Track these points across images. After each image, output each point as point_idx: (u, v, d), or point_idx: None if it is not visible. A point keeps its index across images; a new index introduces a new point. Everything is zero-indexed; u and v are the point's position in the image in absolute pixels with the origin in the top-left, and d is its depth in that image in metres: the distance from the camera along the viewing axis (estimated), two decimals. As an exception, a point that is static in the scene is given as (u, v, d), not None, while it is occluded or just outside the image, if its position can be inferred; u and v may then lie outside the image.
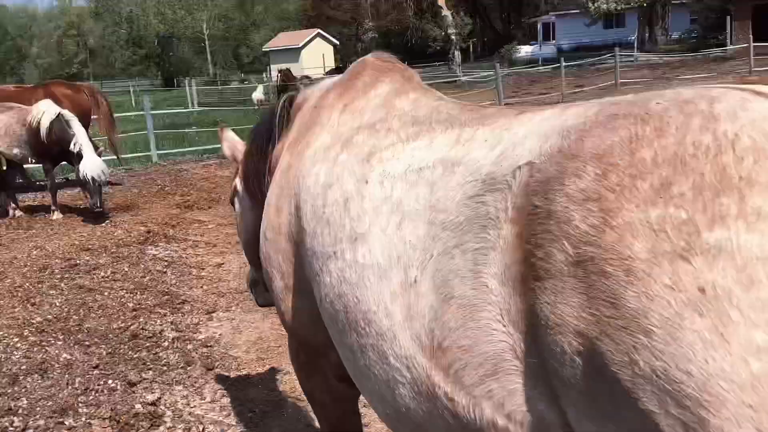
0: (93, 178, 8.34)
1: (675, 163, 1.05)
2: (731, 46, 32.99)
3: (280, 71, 31.97)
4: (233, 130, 3.01)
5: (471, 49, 60.75)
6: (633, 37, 47.09)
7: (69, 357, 4.54)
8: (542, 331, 1.17)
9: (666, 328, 0.96)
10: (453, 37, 41.65)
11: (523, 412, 1.28)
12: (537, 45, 54.24)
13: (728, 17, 35.53)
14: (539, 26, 58.87)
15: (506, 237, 1.27)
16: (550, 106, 1.57)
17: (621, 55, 31.03)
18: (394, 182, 1.67)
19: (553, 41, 56.13)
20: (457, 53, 42.20)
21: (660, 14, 47.34)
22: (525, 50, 52.58)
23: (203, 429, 3.60)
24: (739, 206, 0.97)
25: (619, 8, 43.44)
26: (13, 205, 9.50)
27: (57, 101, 10.13)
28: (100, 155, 8.80)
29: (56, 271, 6.52)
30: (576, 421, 1.15)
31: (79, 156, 8.40)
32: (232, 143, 3.03)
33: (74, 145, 8.45)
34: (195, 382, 4.15)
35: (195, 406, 3.86)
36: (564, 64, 25.75)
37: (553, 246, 1.14)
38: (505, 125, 1.53)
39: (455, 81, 36.93)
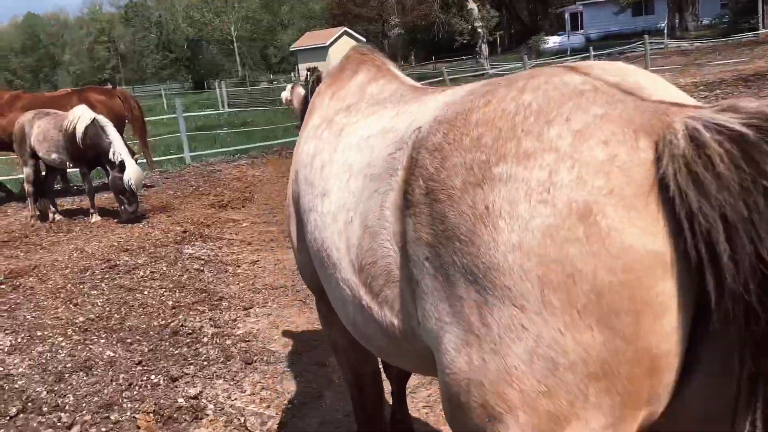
0: (135, 187, 8.60)
1: (488, 123, 1.46)
2: (763, 30, 32.35)
3: (308, 69, 32.04)
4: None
5: (498, 42, 60.27)
6: (663, 24, 46.18)
7: (112, 354, 4.65)
8: (409, 245, 1.60)
9: (469, 235, 1.39)
10: (479, 30, 41.27)
11: (405, 311, 1.74)
12: (565, 35, 53.44)
13: (759, 1, 34.82)
14: (567, 16, 58.04)
15: (398, 180, 1.69)
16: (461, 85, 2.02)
17: (651, 42, 30.61)
18: (351, 149, 2.15)
19: (581, 31, 55.26)
20: (484, 46, 41.79)
21: (690, 0, 46.37)
22: (553, 41, 51.84)
23: (244, 421, 3.66)
24: (516, 149, 1.37)
25: (647, -6, 42.49)
26: (53, 209, 9.73)
27: (91, 106, 10.32)
28: (136, 161, 8.99)
29: (97, 272, 6.66)
30: (421, 310, 1.59)
31: (121, 166, 8.55)
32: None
33: (113, 154, 8.59)
34: (235, 376, 4.22)
35: (236, 399, 3.93)
36: (593, 53, 25.47)
37: (416, 184, 1.57)
38: (427, 101, 1.97)
39: (483, 74, 36.77)
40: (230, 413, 3.78)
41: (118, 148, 8.67)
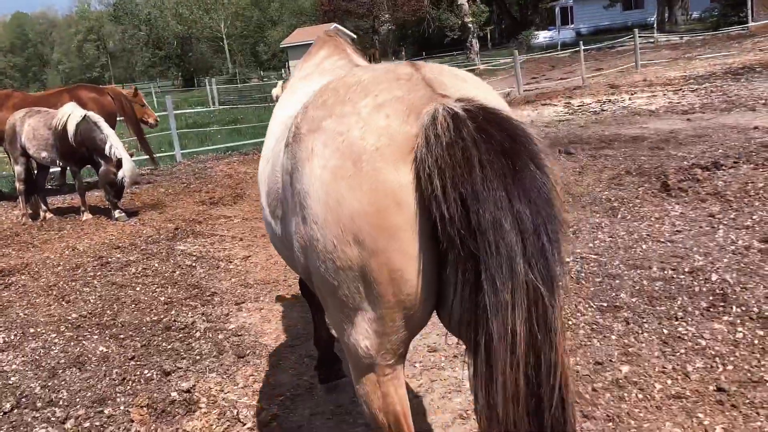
0: (127, 184, 8.68)
1: (335, 90, 2.02)
2: (752, 23, 32.52)
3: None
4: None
5: (489, 37, 60.26)
6: (653, 18, 46.34)
7: (105, 350, 4.68)
8: (283, 173, 2.14)
9: (300, 167, 1.92)
10: (470, 25, 41.23)
11: (287, 231, 2.21)
12: (555, 30, 53.55)
13: (748, -6, 35.04)
14: (557, 11, 58.18)
15: (290, 131, 2.11)
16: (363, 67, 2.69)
17: (641, 36, 30.69)
18: (289, 107, 2.62)
19: (572, 25, 55.44)
20: (475, 41, 41.74)
21: (680, -6, 46.46)
22: (543, 35, 51.88)
23: (237, 413, 3.71)
24: (340, 109, 1.90)
25: (637, -11, 42.47)
26: (44, 207, 9.72)
27: (82, 104, 10.31)
28: (132, 156, 9.01)
29: (89, 269, 6.68)
30: (281, 226, 2.32)
31: (118, 162, 8.59)
32: None
33: (109, 148, 8.61)
34: (227, 370, 4.26)
35: (228, 392, 3.97)
36: (583, 47, 25.50)
37: (293, 129, 2.07)
38: (337, 75, 2.40)
39: (473, 69, 36.79)
40: (223, 406, 3.82)
41: (115, 143, 8.69)
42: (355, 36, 60.82)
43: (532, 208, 1.66)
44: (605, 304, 4.51)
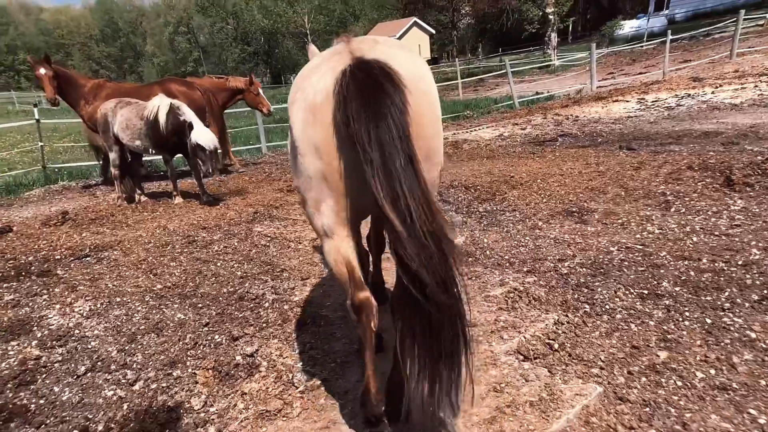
0: (204, 145, 9.02)
1: (305, 70, 3.14)
2: None
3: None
4: None
5: (570, 29, 58.45)
6: (768, -5, 40.10)
7: (183, 317, 5.10)
8: (289, 129, 3.15)
9: (291, 124, 3.03)
10: (551, 17, 40.08)
11: (292, 163, 3.27)
12: (645, 18, 48.63)
13: None
14: (653, -7, 53.00)
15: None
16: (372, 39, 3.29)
17: (749, 18, 27.61)
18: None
19: (666, 11, 50.32)
20: (554, 35, 40.07)
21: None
22: (630, 26, 47.52)
23: (292, 377, 4.05)
24: (302, 84, 3.01)
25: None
26: (139, 191, 10.49)
27: (172, 97, 10.91)
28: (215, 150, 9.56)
29: (176, 246, 7.23)
30: (291, 160, 3.29)
31: (189, 126, 9.06)
32: None
33: (190, 122, 9.10)
34: (288, 337, 4.66)
35: (287, 357, 4.33)
36: (671, 37, 24.20)
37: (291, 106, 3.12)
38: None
39: (548, 66, 35.84)
40: (281, 370, 4.16)
41: (189, 116, 9.16)
42: (433, 32, 60.85)
43: (381, 129, 2.60)
44: (646, 292, 4.61)
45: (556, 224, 6.63)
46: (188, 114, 9.29)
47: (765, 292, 4.29)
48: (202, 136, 9.09)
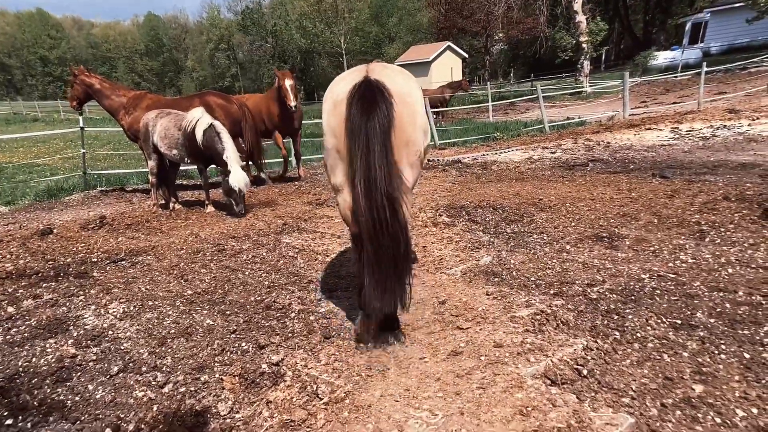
0: (240, 189, 9.47)
1: (332, 82, 4.65)
2: None
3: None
4: None
5: (603, 58, 58.07)
6: (806, 33, 40.08)
7: (211, 323, 5.20)
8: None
9: (324, 118, 4.47)
10: (584, 45, 39.83)
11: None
12: (679, 50, 48.90)
13: None
14: (687, 27, 52.06)
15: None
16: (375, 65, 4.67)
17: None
18: None
19: (701, 44, 49.82)
20: (587, 63, 39.67)
21: None
22: (663, 56, 47.28)
23: (316, 388, 4.04)
24: (330, 88, 4.56)
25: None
26: (173, 199, 10.73)
27: (210, 110, 11.25)
28: (244, 168, 9.85)
29: (207, 254, 7.37)
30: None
31: (227, 171, 9.45)
32: None
33: (227, 158, 9.46)
34: (314, 348, 4.66)
35: (312, 368, 4.34)
36: (705, 69, 24.07)
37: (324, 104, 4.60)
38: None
39: (580, 92, 35.73)
40: (305, 380, 4.17)
41: (231, 154, 9.49)
42: (466, 56, 61.11)
43: (370, 126, 4.06)
44: (679, 322, 4.52)
45: (585, 248, 6.56)
46: (228, 146, 9.54)
47: None
48: (238, 179, 9.47)
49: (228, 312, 5.49)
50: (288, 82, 12.78)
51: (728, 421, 3.26)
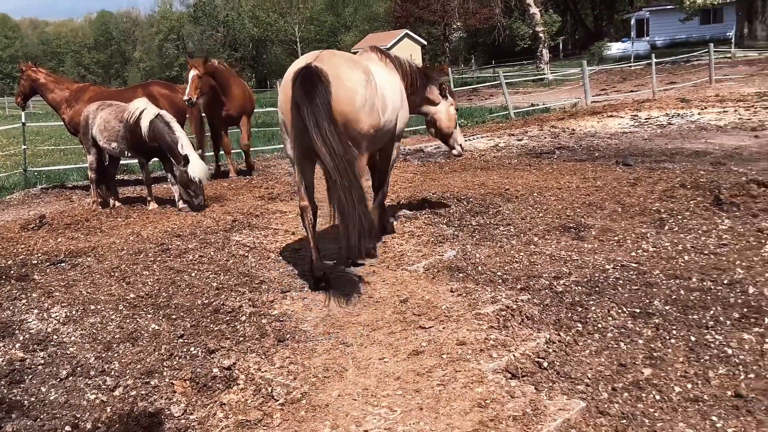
0: (200, 180, 9.07)
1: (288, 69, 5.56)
2: (840, 39, 31.18)
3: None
4: None
5: (560, 47, 59.40)
6: (731, 33, 44.90)
7: (157, 328, 4.99)
8: None
9: (279, 108, 5.70)
10: (541, 34, 40.70)
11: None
12: (629, 41, 52.31)
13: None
14: (632, 22, 56.93)
15: None
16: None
17: (718, 51, 29.83)
18: None
19: (647, 37, 54.05)
20: (545, 51, 41.12)
21: (760, 8, 44.71)
22: (616, 47, 50.63)
23: (271, 390, 3.91)
24: (286, 73, 5.51)
25: (715, 2, 41.06)
26: (113, 196, 10.28)
27: (154, 100, 10.81)
28: (201, 157, 9.42)
29: (150, 254, 7.06)
30: None
31: (186, 160, 9.02)
32: None
33: (181, 147, 9.05)
34: (267, 351, 4.48)
35: (265, 371, 4.18)
36: (656, 60, 24.95)
37: None
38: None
39: (542, 79, 36.38)
40: (259, 383, 4.03)
41: (185, 143, 9.12)
42: (425, 43, 61.24)
43: (314, 106, 4.95)
44: (638, 310, 4.55)
45: (553, 240, 6.48)
46: (181, 136, 9.20)
47: (745, 310, 4.38)
48: (197, 169, 9.06)
49: (174, 316, 5.25)
50: (191, 73, 11.18)
51: (666, 397, 3.44)
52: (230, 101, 12.20)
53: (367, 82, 5.48)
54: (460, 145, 7.92)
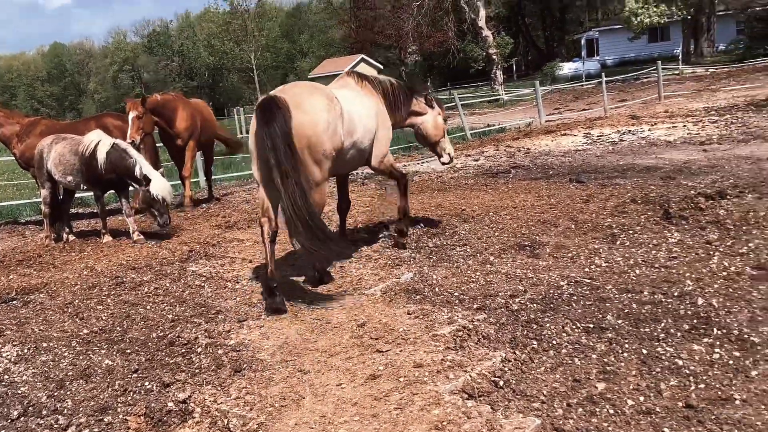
0: (163, 198, 8.92)
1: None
2: (779, 55, 32.44)
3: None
4: None
5: (514, 68, 60.55)
6: (678, 50, 46.43)
7: (111, 363, 4.89)
8: None
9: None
10: (494, 56, 41.54)
11: None
12: (580, 61, 53.67)
13: (775, 25, 35.08)
14: (583, 42, 58.43)
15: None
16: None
17: (666, 68, 30.76)
18: None
19: (597, 57, 55.52)
20: (499, 72, 41.99)
21: (705, 26, 46.44)
22: (568, 67, 51.95)
23: (227, 422, 3.85)
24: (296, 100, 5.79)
25: (662, 21, 42.53)
26: (67, 229, 10.08)
27: (108, 132, 10.62)
28: (163, 175, 9.32)
29: (104, 288, 6.94)
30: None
31: (146, 180, 8.89)
32: None
33: (139, 169, 8.94)
34: (223, 383, 4.41)
35: (221, 403, 4.12)
36: (606, 79, 25.63)
37: None
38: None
39: (497, 100, 36.99)
40: (215, 416, 3.96)
41: (143, 164, 9.03)
42: (381, 66, 61.82)
43: (271, 130, 5.44)
44: (591, 326, 4.61)
45: (508, 259, 6.56)
46: (139, 158, 9.12)
47: (695, 321, 4.47)
48: (160, 187, 8.93)
49: (128, 350, 5.15)
50: (130, 115, 10.90)
51: (619, 411, 3.47)
52: (177, 131, 12.03)
53: (330, 107, 5.92)
54: (449, 153, 8.17)
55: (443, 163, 8.43)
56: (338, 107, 6.03)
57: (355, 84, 6.96)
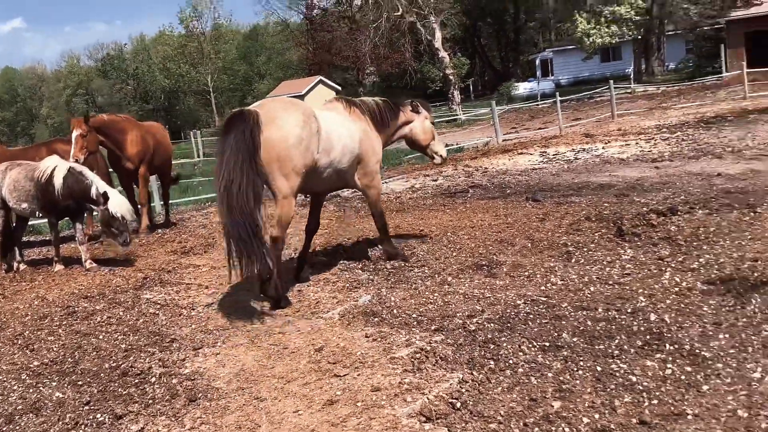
0: (122, 216, 8.71)
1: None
2: (726, 73, 33.53)
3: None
4: None
5: (471, 88, 61.41)
6: (630, 69, 47.67)
7: (62, 396, 4.77)
8: None
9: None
10: (451, 77, 42.16)
11: None
12: (535, 81, 54.75)
13: (722, 45, 36.31)
14: (537, 62, 59.71)
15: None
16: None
17: (618, 87, 31.54)
18: None
19: (552, 77, 56.75)
20: (456, 93, 42.63)
21: (655, 46, 47.92)
22: (524, 87, 52.91)
23: None
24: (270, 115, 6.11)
25: (614, 41, 43.73)
26: (18, 258, 9.78)
27: (60, 157, 10.44)
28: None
29: (55, 318, 6.77)
30: None
31: (105, 197, 8.67)
32: None
33: (96, 190, 8.75)
34: (177, 413, 4.32)
35: None
36: (560, 98, 26.14)
37: None
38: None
39: (455, 120, 37.42)
40: None
41: (98, 183, 8.85)
42: (339, 88, 62.11)
43: (234, 143, 5.76)
44: (547, 344, 4.65)
45: (466, 279, 6.59)
46: (95, 179, 8.96)
47: (648, 337, 4.55)
48: (119, 204, 8.75)
49: (80, 382, 5.03)
50: (74, 133, 10.66)
51: (575, 429, 3.49)
52: (127, 154, 11.74)
53: (305, 123, 6.14)
54: (441, 155, 8.44)
55: (437, 164, 9.09)
56: (315, 125, 6.24)
57: (343, 108, 7.19)
